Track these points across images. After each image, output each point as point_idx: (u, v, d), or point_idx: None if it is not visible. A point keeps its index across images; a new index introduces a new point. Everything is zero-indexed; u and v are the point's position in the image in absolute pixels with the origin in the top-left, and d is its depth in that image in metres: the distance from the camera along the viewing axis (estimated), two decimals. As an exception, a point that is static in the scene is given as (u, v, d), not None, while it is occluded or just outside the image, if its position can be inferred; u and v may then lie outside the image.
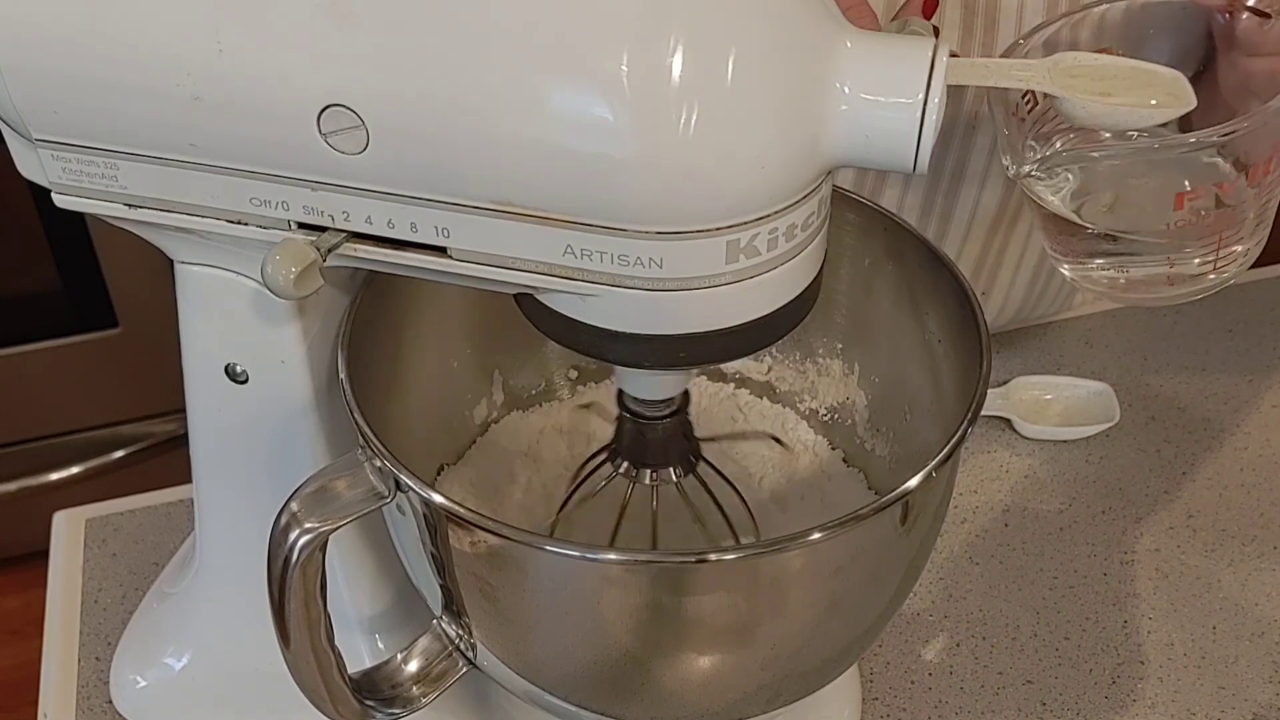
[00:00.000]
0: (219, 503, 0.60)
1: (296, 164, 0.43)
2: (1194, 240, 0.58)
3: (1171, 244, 0.58)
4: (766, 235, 0.42)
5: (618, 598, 0.46)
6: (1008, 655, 0.69)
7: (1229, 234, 0.57)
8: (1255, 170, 0.56)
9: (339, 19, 0.40)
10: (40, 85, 0.44)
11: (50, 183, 0.47)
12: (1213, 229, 0.57)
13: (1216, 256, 0.58)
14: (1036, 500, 0.78)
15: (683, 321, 0.44)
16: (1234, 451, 0.81)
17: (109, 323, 1.55)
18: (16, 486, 1.64)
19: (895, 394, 0.61)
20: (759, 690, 0.51)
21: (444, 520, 0.46)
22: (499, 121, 0.40)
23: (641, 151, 0.39)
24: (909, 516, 0.48)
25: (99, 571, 0.75)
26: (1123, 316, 0.92)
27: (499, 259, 0.43)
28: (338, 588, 0.58)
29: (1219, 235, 0.57)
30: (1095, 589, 0.73)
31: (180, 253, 0.52)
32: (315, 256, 0.44)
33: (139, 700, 0.66)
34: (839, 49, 0.41)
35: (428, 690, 0.52)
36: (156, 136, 0.44)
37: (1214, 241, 0.57)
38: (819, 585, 0.47)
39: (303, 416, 0.55)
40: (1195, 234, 0.57)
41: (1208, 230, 0.57)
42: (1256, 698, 0.67)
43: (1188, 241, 0.58)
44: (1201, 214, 0.56)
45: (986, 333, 0.51)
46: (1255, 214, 0.58)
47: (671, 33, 0.38)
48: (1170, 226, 0.57)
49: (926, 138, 0.41)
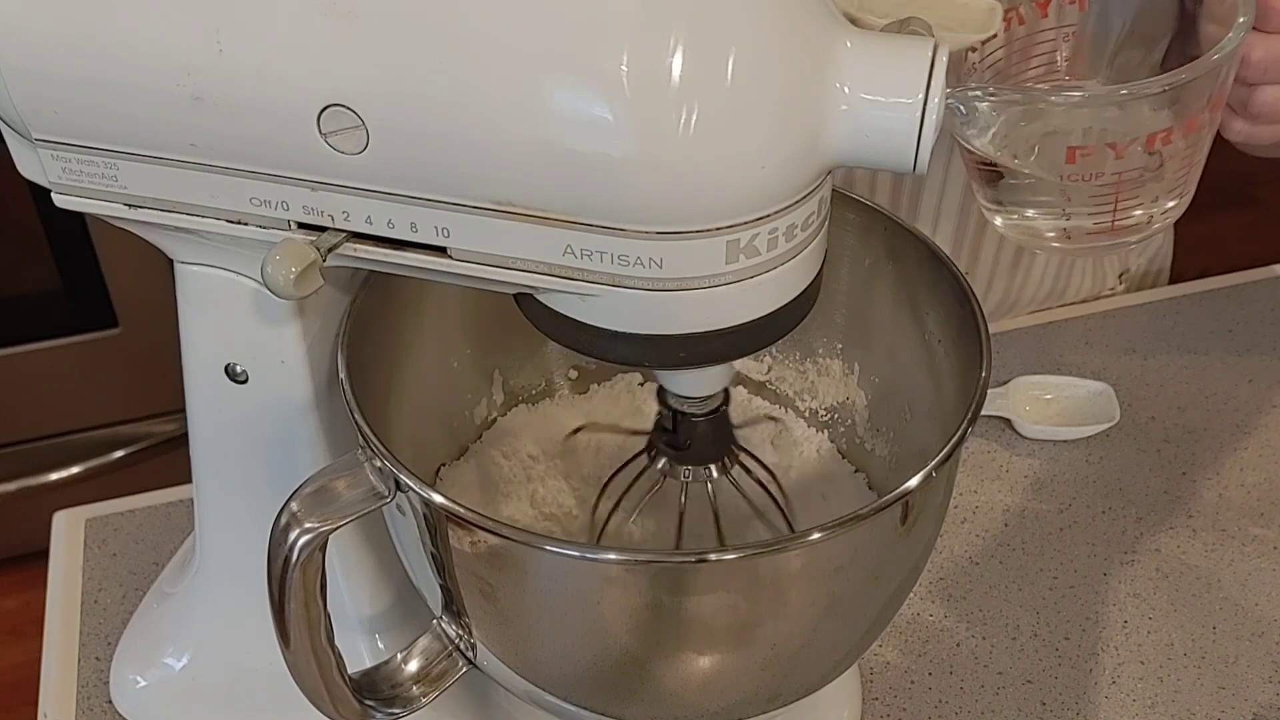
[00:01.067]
0: (219, 503, 0.60)
1: (296, 164, 0.43)
2: (1087, 196, 0.59)
3: (1065, 197, 0.59)
4: (766, 235, 0.42)
5: (618, 598, 0.46)
6: (1008, 655, 0.69)
7: (1127, 194, 0.58)
8: (1190, 122, 0.57)
9: (339, 19, 0.40)
10: (41, 86, 0.44)
11: (50, 183, 0.47)
12: (1112, 186, 0.58)
13: (1114, 213, 0.59)
14: (1036, 500, 0.78)
15: (683, 321, 0.44)
16: (1234, 451, 0.81)
17: (109, 323, 1.55)
18: (16, 486, 1.64)
19: (895, 394, 0.61)
20: (759, 690, 0.51)
21: (444, 520, 0.46)
22: (499, 122, 0.40)
23: (641, 151, 0.39)
24: (909, 516, 0.48)
25: (99, 571, 0.75)
26: (1123, 316, 0.92)
27: (499, 259, 0.43)
28: (338, 588, 0.58)
29: (1116, 193, 0.58)
30: (1095, 589, 0.73)
31: (180, 253, 0.52)
32: (315, 256, 0.44)
33: (139, 700, 0.66)
34: (839, 49, 0.41)
35: (428, 690, 0.52)
36: (156, 136, 0.44)
37: (1110, 199, 0.58)
38: (819, 585, 0.47)
39: (303, 416, 0.55)
40: (1089, 190, 0.58)
41: (1103, 188, 0.58)
42: (1256, 698, 0.67)
43: (1081, 196, 0.59)
44: (1117, 172, 0.57)
45: (986, 333, 0.51)
46: (1180, 168, 0.59)
47: (671, 33, 0.38)
48: (1064, 177, 0.58)
49: (926, 137, 0.41)
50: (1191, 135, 0.57)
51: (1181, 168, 0.59)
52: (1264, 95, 0.61)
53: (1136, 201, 0.59)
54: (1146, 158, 0.57)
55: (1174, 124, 0.57)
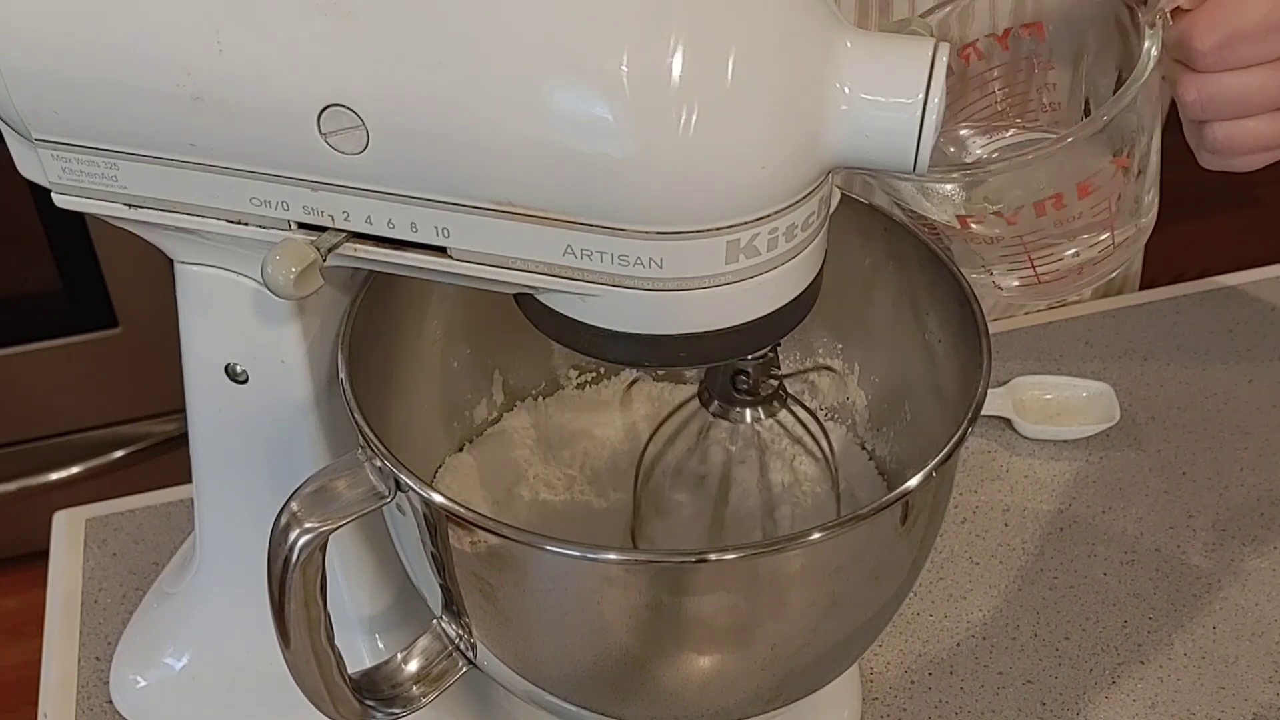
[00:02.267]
0: (219, 503, 0.60)
1: (296, 164, 0.43)
2: (997, 256, 0.58)
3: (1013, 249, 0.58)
4: (766, 235, 0.42)
5: (618, 598, 0.46)
6: (1008, 655, 0.69)
7: (1039, 250, 0.57)
8: (1122, 158, 0.55)
9: (339, 19, 0.40)
10: (41, 86, 0.44)
11: (50, 183, 0.47)
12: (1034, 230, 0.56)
13: (1034, 268, 0.57)
14: (1036, 500, 0.78)
15: (683, 321, 0.44)
16: (1234, 451, 0.81)
17: (109, 323, 1.55)
18: (16, 486, 1.64)
19: (895, 394, 0.61)
20: (759, 690, 0.51)
21: (444, 520, 0.46)
22: (499, 122, 0.40)
23: (641, 152, 0.39)
24: (909, 516, 0.48)
25: (99, 571, 0.75)
26: (1123, 316, 0.92)
27: (499, 259, 0.43)
28: (338, 588, 0.58)
29: (1026, 252, 0.57)
30: (1095, 589, 0.73)
31: (180, 253, 0.52)
32: (315, 256, 0.44)
33: (139, 700, 0.66)
34: (839, 49, 0.41)
35: (428, 690, 0.52)
36: (156, 136, 0.44)
37: (1022, 258, 0.57)
38: (819, 585, 0.47)
39: (303, 416, 0.55)
40: (997, 251, 0.57)
41: (1009, 249, 0.57)
42: (1256, 698, 0.67)
43: (992, 256, 0.58)
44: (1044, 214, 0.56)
45: (986, 333, 0.51)
46: (1098, 213, 0.57)
47: (671, 33, 0.38)
48: (967, 240, 0.57)
49: (927, 137, 0.41)
50: (1097, 193, 0.55)
51: (1099, 212, 0.56)
52: (1214, 132, 0.58)
53: (1052, 255, 0.57)
54: (1039, 220, 0.55)
55: (1083, 181, 0.55)
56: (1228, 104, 0.57)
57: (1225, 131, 0.58)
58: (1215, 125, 0.58)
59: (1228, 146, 0.58)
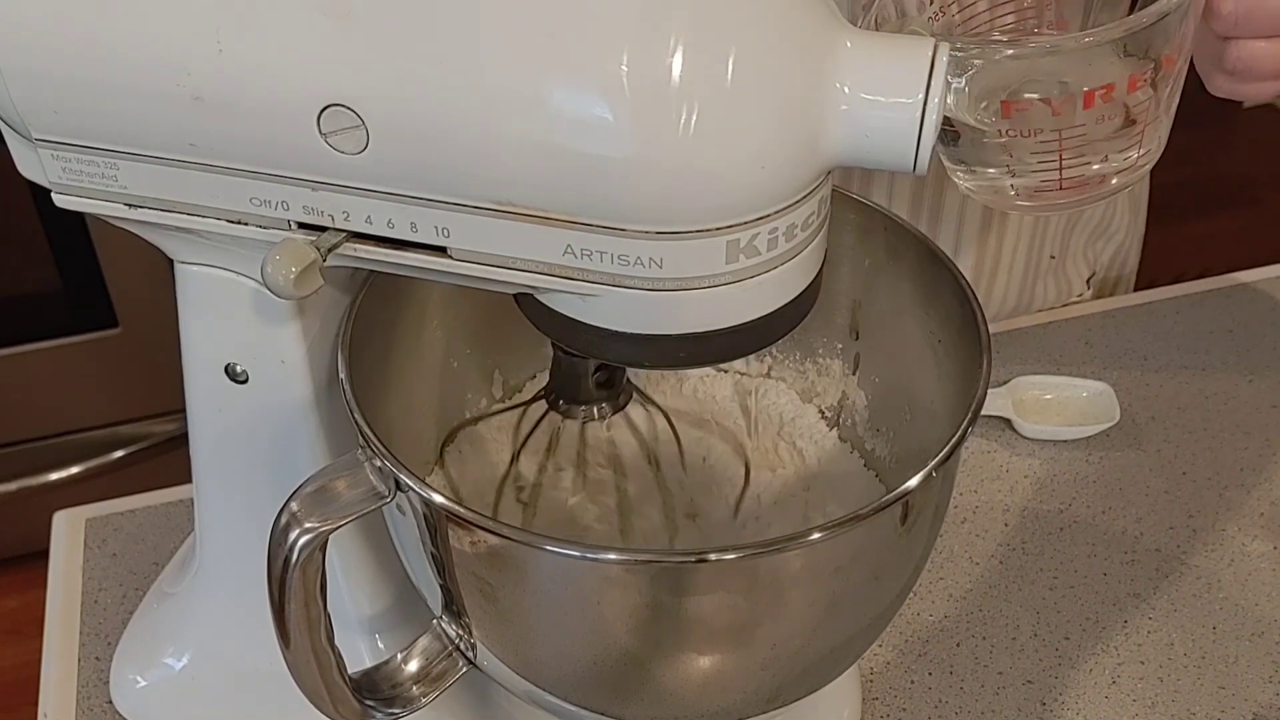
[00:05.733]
0: (219, 503, 0.60)
1: (296, 164, 0.43)
2: (1028, 153, 0.57)
3: (1009, 153, 0.58)
4: (766, 235, 0.42)
5: (618, 598, 0.46)
6: (1008, 655, 0.69)
7: (1072, 150, 0.56)
8: (1165, 63, 0.55)
9: (339, 19, 0.40)
10: (40, 85, 0.44)
11: (50, 183, 0.47)
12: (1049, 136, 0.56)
13: (1060, 170, 0.57)
14: (1036, 500, 0.78)
15: (683, 321, 0.44)
16: (1234, 451, 0.81)
17: (109, 323, 1.55)
18: (16, 486, 1.64)
19: (895, 394, 0.61)
20: (759, 690, 0.51)
21: (444, 520, 0.46)
22: (499, 122, 0.40)
23: (641, 152, 0.39)
24: (909, 516, 0.48)
25: (99, 571, 0.75)
26: (1123, 316, 0.92)
27: (499, 259, 0.43)
28: (338, 588, 0.58)
29: (1059, 150, 0.56)
30: (1095, 589, 0.73)
31: (180, 253, 0.52)
32: (315, 256, 0.44)
33: (139, 700, 0.66)
34: (839, 49, 0.41)
35: (428, 690, 0.52)
36: (156, 136, 0.44)
37: (1053, 155, 0.57)
38: (819, 585, 0.47)
39: (303, 416, 0.55)
40: (1029, 146, 0.57)
41: (1044, 144, 0.56)
42: (1256, 698, 0.67)
43: (1023, 152, 0.57)
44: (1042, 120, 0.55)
45: (987, 333, 0.51)
46: (1155, 114, 0.57)
47: (671, 33, 0.38)
48: (1003, 133, 0.56)
49: (927, 137, 0.41)
50: (1142, 88, 0.55)
51: (1139, 115, 0.56)
52: (1238, 50, 0.58)
53: (1083, 160, 0.57)
54: (1087, 113, 0.55)
55: (1134, 73, 0.54)
56: (1264, 19, 0.57)
57: (1250, 50, 0.58)
58: (1240, 43, 0.58)
59: (1248, 67, 0.58)
